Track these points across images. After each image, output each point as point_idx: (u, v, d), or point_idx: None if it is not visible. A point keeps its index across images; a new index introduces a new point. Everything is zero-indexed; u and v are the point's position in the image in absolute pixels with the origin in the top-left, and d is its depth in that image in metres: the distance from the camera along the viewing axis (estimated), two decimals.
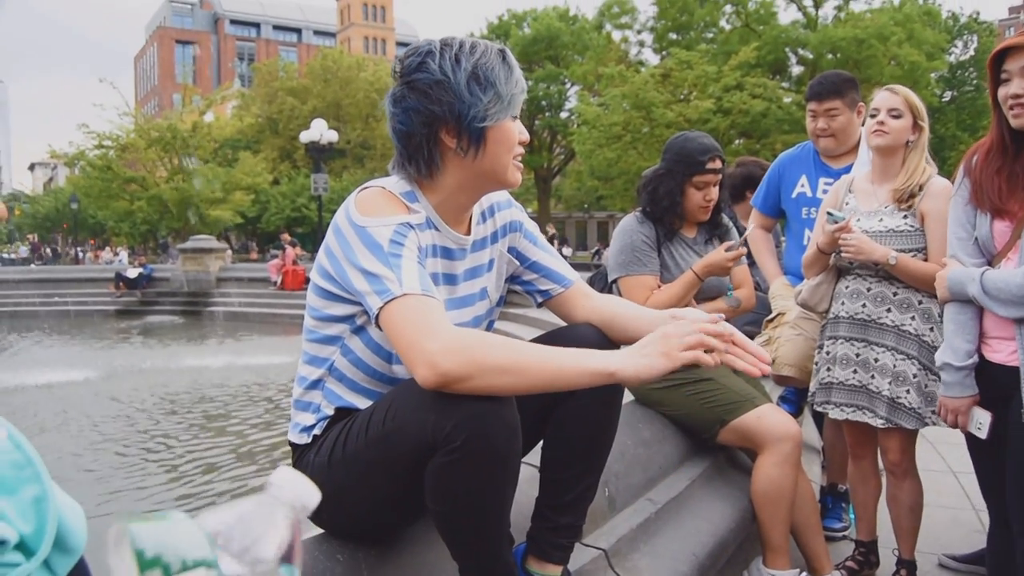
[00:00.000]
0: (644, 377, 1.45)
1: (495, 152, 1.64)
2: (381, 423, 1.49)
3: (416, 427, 1.42)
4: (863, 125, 3.44)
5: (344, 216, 1.59)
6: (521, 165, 1.72)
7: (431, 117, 1.61)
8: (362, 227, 1.54)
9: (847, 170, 3.29)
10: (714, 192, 2.96)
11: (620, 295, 2.97)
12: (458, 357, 1.37)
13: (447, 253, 1.72)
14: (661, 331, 1.48)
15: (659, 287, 2.93)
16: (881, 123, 2.66)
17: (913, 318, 2.64)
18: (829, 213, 2.66)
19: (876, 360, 2.67)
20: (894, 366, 2.64)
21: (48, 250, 51.00)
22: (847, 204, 2.81)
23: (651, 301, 2.87)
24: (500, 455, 1.41)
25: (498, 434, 1.39)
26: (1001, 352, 2.15)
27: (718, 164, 2.94)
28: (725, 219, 3.18)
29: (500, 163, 1.65)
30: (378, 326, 1.49)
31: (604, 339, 1.75)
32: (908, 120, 2.66)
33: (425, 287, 1.48)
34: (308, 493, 0.80)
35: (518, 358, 1.41)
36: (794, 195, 3.58)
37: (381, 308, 1.46)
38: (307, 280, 4.99)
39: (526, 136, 1.71)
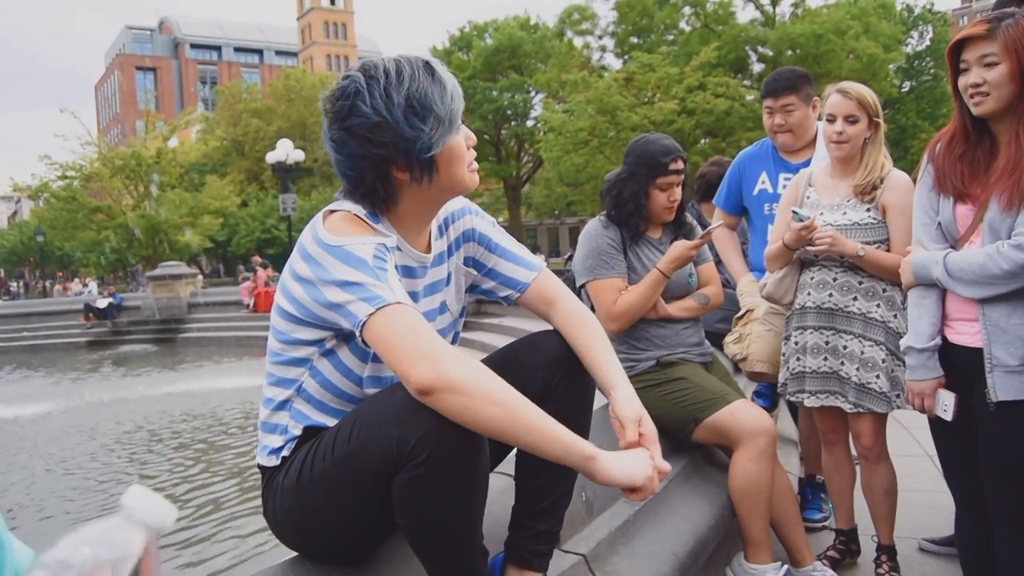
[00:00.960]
0: (615, 480, 1.50)
1: (448, 171, 1.62)
2: (346, 441, 1.47)
3: (381, 443, 1.40)
4: (819, 120, 3.49)
5: (312, 239, 1.54)
6: (476, 165, 1.69)
7: (378, 160, 1.56)
8: (338, 246, 1.50)
9: (806, 164, 3.33)
10: (677, 192, 2.97)
11: (588, 299, 2.97)
12: (464, 368, 1.38)
13: (409, 272, 1.70)
14: (644, 452, 1.59)
15: (626, 288, 2.93)
16: (840, 133, 2.71)
17: (879, 305, 2.69)
18: (795, 212, 2.69)
19: (845, 347, 2.72)
20: (862, 352, 2.68)
21: (20, 284, 50.16)
22: (808, 198, 2.85)
23: (619, 303, 2.88)
24: (466, 467, 1.40)
25: (463, 446, 1.38)
26: (965, 334, 2.17)
27: (680, 165, 2.95)
28: (689, 218, 3.19)
29: (456, 178, 1.64)
30: (362, 338, 1.44)
31: (569, 350, 1.75)
32: (864, 122, 2.71)
33: (413, 305, 1.47)
34: (163, 512, 0.77)
35: (512, 400, 1.40)
36: (755, 192, 3.60)
37: (372, 314, 1.41)
38: None
39: (473, 139, 1.68)
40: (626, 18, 35.55)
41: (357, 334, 1.45)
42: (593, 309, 2.90)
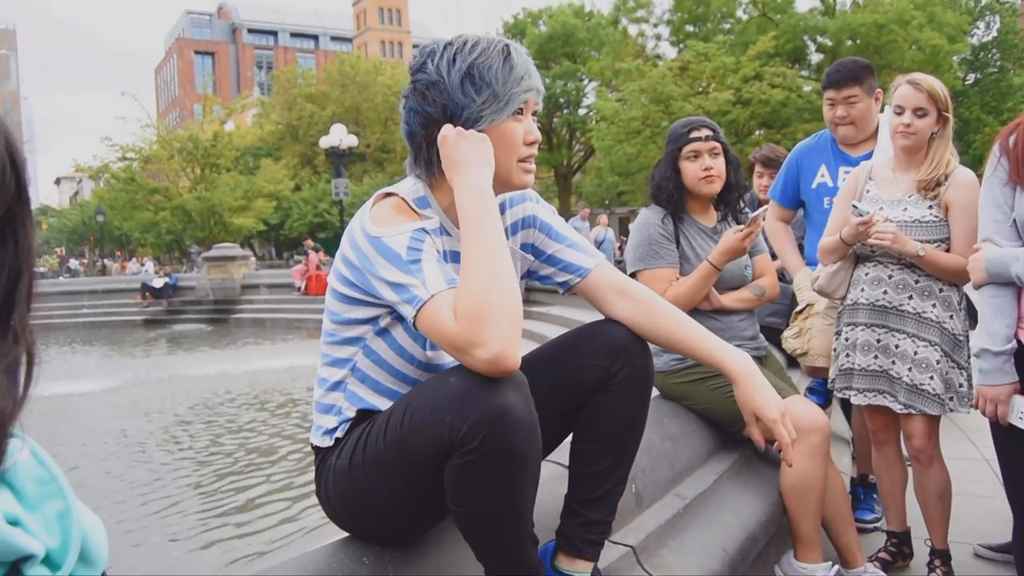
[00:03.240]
0: (747, 378, 1.78)
1: (495, 154, 1.61)
2: (399, 425, 1.49)
3: (433, 429, 1.41)
4: (881, 112, 3.41)
5: (359, 228, 1.58)
6: (531, 166, 1.68)
7: (427, 119, 1.61)
8: (376, 237, 1.54)
9: (867, 158, 3.25)
10: (711, 161, 2.92)
11: None
12: (506, 339, 1.41)
13: (458, 257, 1.70)
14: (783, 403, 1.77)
15: (677, 279, 2.91)
16: (908, 125, 2.62)
17: (934, 305, 2.62)
18: (854, 206, 2.63)
19: (897, 346, 2.65)
20: (915, 352, 2.62)
21: (81, 263, 51.43)
22: (867, 192, 2.78)
23: (668, 293, 2.85)
24: (518, 454, 1.40)
25: (515, 433, 1.38)
26: None
27: (703, 132, 2.92)
28: (745, 207, 3.15)
29: (501, 165, 1.62)
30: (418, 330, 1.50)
31: (634, 339, 1.74)
32: (933, 116, 2.62)
33: (450, 281, 1.48)
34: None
35: None
36: (814, 185, 3.53)
37: (415, 316, 1.46)
38: None
39: (534, 135, 1.66)
40: (682, 6, 35.11)
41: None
42: None
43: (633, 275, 2.96)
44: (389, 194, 1.67)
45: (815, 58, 34.83)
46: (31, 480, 0.76)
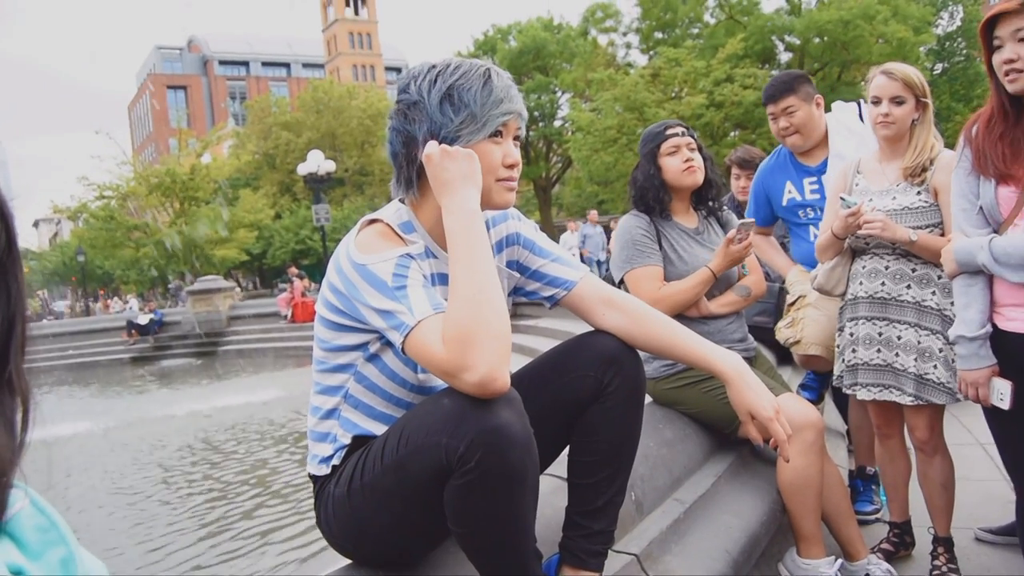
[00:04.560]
0: (739, 379, 1.78)
1: None
2: (395, 449, 1.49)
3: (430, 451, 1.41)
4: (828, 111, 3.50)
5: (345, 255, 1.59)
6: (513, 185, 1.69)
7: (408, 137, 1.64)
8: (362, 265, 1.55)
9: (825, 166, 3.37)
10: (688, 153, 2.97)
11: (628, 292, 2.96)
12: (495, 362, 1.42)
13: (446, 280, 1.70)
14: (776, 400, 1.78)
15: (662, 278, 2.92)
16: (886, 115, 2.65)
17: (934, 293, 2.63)
18: (842, 199, 2.65)
19: (899, 338, 2.66)
20: (918, 342, 2.62)
21: (67, 308, 50.87)
22: (857, 185, 2.80)
23: (663, 291, 2.86)
24: (516, 471, 1.40)
25: (512, 450, 1.39)
26: (1016, 320, 2.13)
27: (679, 130, 3.00)
28: (726, 209, 3.18)
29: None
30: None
31: (624, 348, 1.75)
32: (911, 103, 2.65)
33: (436, 306, 1.48)
34: None
35: None
36: (785, 203, 3.60)
37: (403, 342, 1.47)
38: None
39: (513, 158, 1.68)
40: (650, 13, 35.31)
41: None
42: None
43: (621, 281, 2.98)
44: (374, 220, 1.68)
45: (784, 57, 35.10)
46: (32, 529, 0.77)
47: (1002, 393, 2.15)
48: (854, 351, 2.77)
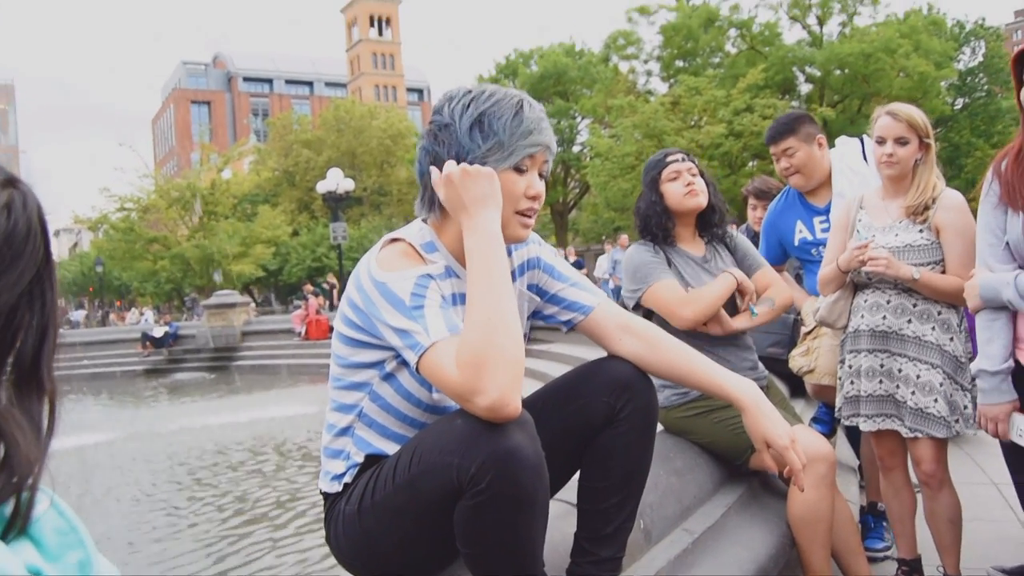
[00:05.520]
0: (755, 407, 1.75)
1: None
2: (407, 469, 1.50)
3: (442, 471, 1.43)
4: (832, 147, 3.54)
5: (366, 271, 1.61)
6: (530, 220, 1.71)
7: (435, 158, 1.66)
8: (382, 282, 1.57)
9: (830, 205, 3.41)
10: (690, 178, 2.96)
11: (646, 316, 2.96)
12: (506, 385, 1.42)
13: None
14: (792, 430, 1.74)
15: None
16: (890, 155, 2.69)
17: (933, 328, 2.65)
18: (857, 231, 2.68)
19: (900, 370, 2.68)
20: (918, 376, 2.64)
21: (85, 318, 51.14)
22: (860, 220, 2.82)
23: (696, 298, 2.83)
24: (527, 494, 1.41)
25: (523, 473, 1.40)
26: None
27: (679, 156, 3.02)
28: (731, 232, 3.18)
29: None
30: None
31: (638, 375, 1.76)
32: (915, 143, 2.68)
33: (452, 328, 1.50)
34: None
35: None
36: (797, 242, 3.64)
37: (418, 363, 1.49)
38: (331, 329, 5.07)
39: (536, 189, 1.69)
40: (671, 42, 35.51)
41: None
42: None
43: (636, 307, 2.97)
44: (396, 239, 1.70)
45: (804, 88, 35.19)
46: (52, 531, 0.79)
47: (1021, 429, 2.14)
48: (853, 383, 2.78)
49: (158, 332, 19.36)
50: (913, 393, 2.63)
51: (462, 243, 1.64)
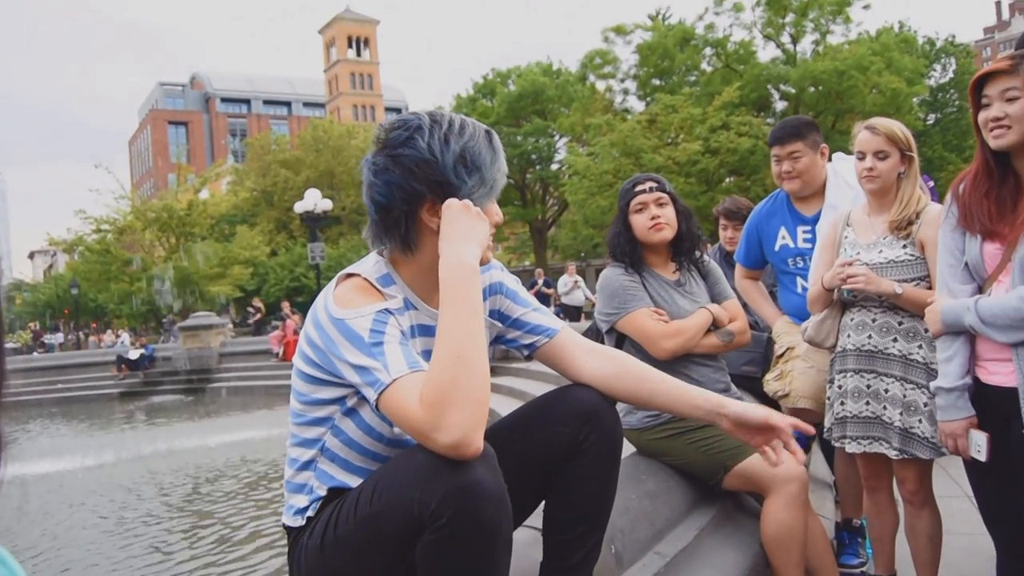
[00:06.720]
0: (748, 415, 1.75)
1: None
2: (368, 503, 1.48)
3: (403, 506, 1.40)
4: (829, 161, 3.52)
5: (323, 309, 1.59)
6: (492, 244, 1.71)
7: (413, 195, 1.61)
8: (340, 319, 1.54)
9: (820, 215, 3.38)
10: (657, 211, 2.97)
11: (611, 343, 2.95)
12: (466, 424, 1.40)
13: (427, 331, 1.70)
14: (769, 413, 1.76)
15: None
16: (870, 169, 2.69)
17: (920, 346, 2.64)
18: (844, 249, 2.69)
19: (886, 391, 2.66)
20: (904, 396, 2.63)
21: (59, 345, 50.49)
22: (846, 238, 2.82)
23: (671, 324, 2.84)
24: (489, 527, 1.39)
25: (485, 507, 1.38)
26: (998, 374, 2.14)
27: (648, 184, 3.01)
28: (707, 258, 3.18)
29: None
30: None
31: (602, 403, 1.75)
32: (896, 157, 2.69)
33: (412, 364, 1.48)
34: None
35: None
36: (777, 248, 3.61)
37: (377, 400, 1.46)
38: None
39: (500, 218, 1.73)
40: (647, 61, 35.80)
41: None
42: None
43: (611, 330, 2.97)
44: (351, 275, 1.67)
45: (779, 106, 35.57)
46: None
47: (979, 445, 2.15)
48: (842, 403, 2.77)
49: (133, 354, 19.12)
50: (901, 414, 2.62)
51: (423, 276, 1.63)
